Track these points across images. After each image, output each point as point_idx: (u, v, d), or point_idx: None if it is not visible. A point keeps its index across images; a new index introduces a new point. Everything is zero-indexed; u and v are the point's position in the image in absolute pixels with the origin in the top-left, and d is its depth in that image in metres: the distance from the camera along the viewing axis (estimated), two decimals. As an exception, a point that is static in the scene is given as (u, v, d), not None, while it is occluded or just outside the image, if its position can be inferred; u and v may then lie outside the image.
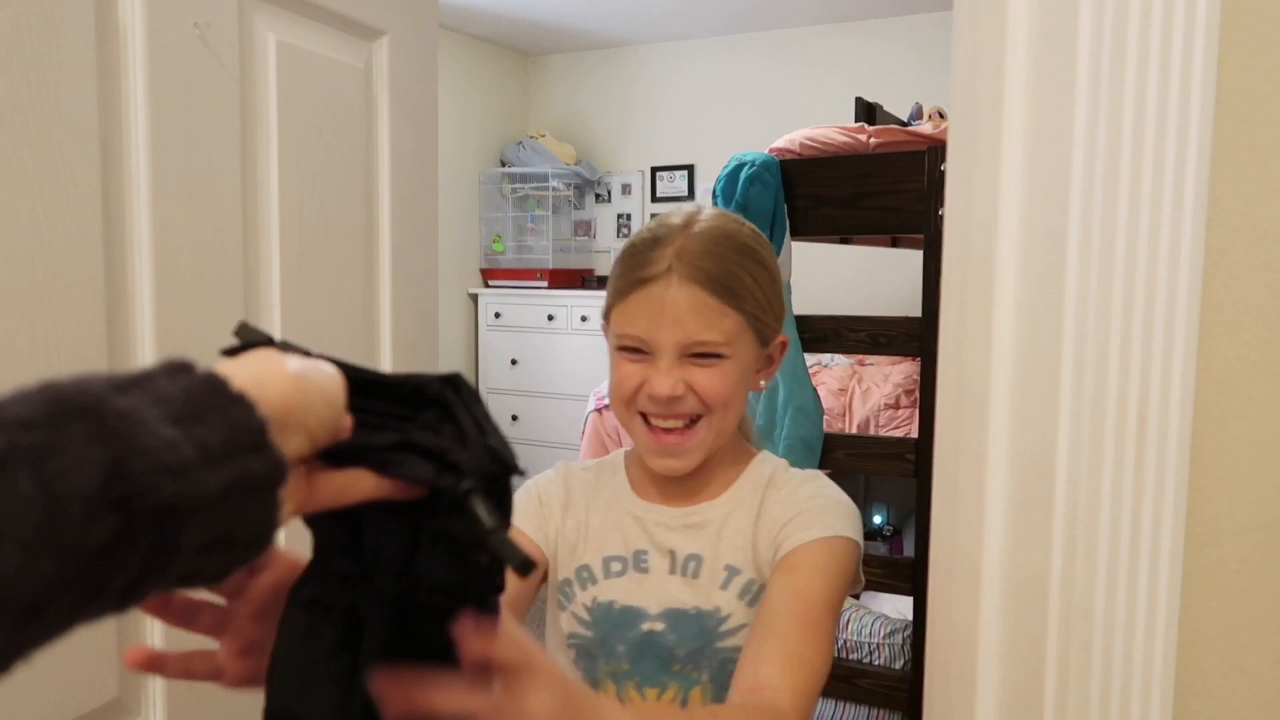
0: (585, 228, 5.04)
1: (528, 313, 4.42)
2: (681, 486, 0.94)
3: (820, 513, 0.90)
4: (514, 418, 4.40)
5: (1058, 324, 0.63)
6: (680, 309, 0.84)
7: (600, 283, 4.77)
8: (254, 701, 0.46)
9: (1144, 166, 0.63)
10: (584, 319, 4.28)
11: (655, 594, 0.91)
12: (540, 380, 4.36)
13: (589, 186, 4.97)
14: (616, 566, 0.93)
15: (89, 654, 0.73)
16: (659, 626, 0.90)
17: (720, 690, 0.89)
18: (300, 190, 0.83)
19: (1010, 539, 0.60)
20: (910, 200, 2.02)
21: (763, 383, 0.94)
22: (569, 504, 0.97)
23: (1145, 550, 0.57)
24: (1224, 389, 0.69)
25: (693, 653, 0.89)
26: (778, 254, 2.48)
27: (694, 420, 0.88)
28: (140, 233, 0.68)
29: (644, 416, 0.89)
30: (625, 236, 4.94)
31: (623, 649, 0.90)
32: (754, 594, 0.90)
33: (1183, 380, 0.62)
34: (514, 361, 4.45)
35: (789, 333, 1.60)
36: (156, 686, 0.86)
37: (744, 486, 0.96)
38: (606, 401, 3.47)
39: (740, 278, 0.86)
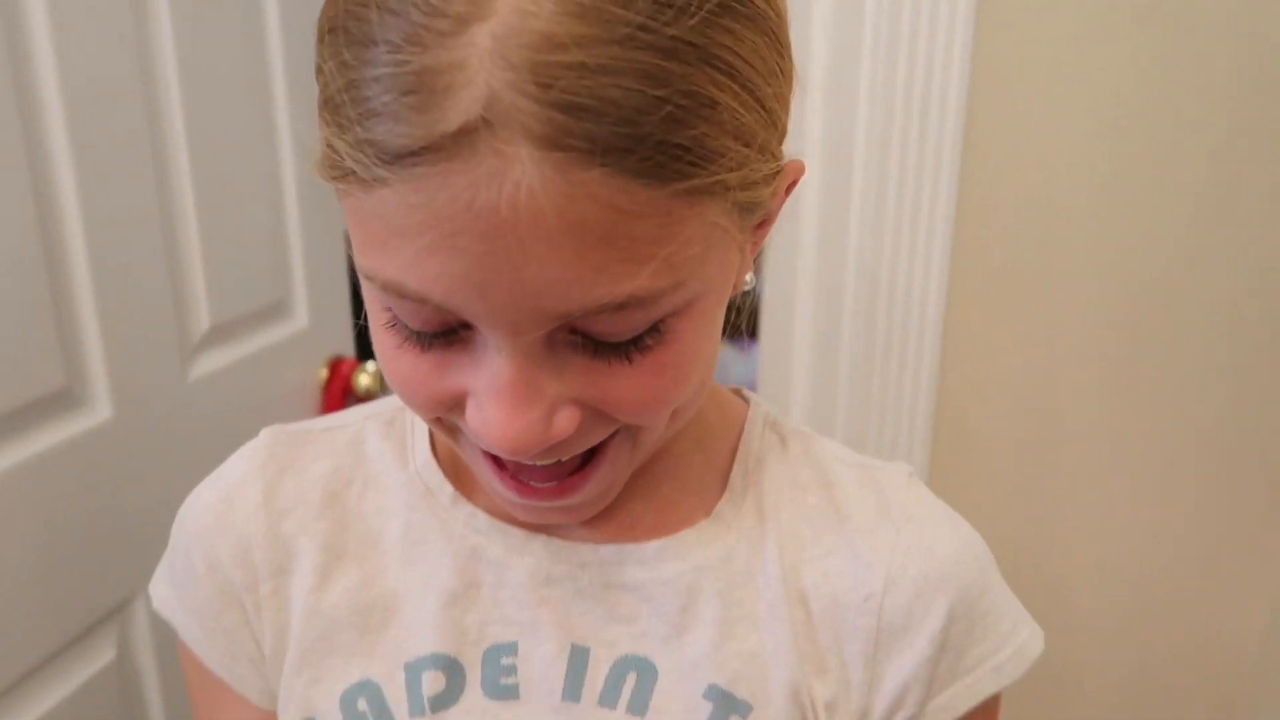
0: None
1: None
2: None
3: (985, 623, 0.44)
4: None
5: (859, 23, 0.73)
6: (539, 233, 0.30)
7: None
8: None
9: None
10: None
11: None
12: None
13: None
14: (435, 682, 0.44)
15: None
16: None
17: None
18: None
19: (819, 222, 0.73)
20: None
21: (749, 276, 0.41)
22: (293, 557, 0.47)
23: (923, 222, 0.71)
24: (996, 82, 0.82)
25: None
26: None
27: (594, 451, 0.39)
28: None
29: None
30: None
31: None
32: None
33: (960, 75, 0.74)
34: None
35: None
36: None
37: (741, 497, 0.46)
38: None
39: (713, 103, 0.31)
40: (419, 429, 0.49)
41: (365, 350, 1.21)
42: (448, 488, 0.47)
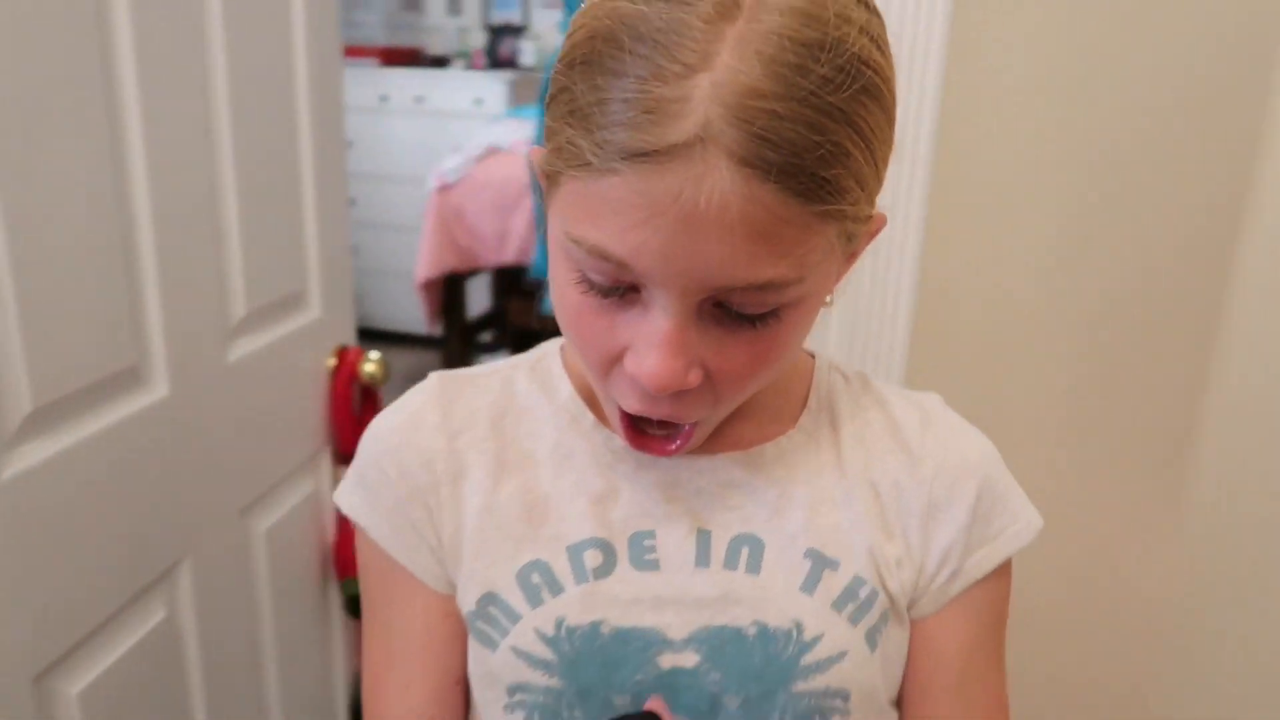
0: (414, 2, 4.88)
1: (360, 93, 4.34)
2: None
3: (1003, 502, 0.58)
4: (352, 201, 4.41)
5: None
6: (722, 223, 0.41)
7: (435, 62, 4.68)
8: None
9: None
10: (419, 99, 4.25)
11: (678, 604, 0.54)
12: (376, 162, 4.36)
13: (415, -42, 4.77)
14: (595, 558, 0.55)
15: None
16: (689, 660, 0.54)
17: None
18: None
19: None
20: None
21: (829, 299, 0.51)
22: (466, 469, 0.58)
23: (896, 237, 0.85)
24: (965, 100, 0.96)
25: (753, 702, 0.54)
26: None
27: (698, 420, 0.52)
28: None
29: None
30: (457, 14, 4.83)
31: (623, 701, 0.54)
32: (862, 606, 0.55)
33: (934, 90, 0.87)
34: (348, 144, 4.39)
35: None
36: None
37: (819, 417, 0.60)
38: (448, 180, 3.57)
39: (849, 154, 0.42)
40: (558, 372, 0.61)
41: (363, 342, 1.30)
42: (589, 416, 0.59)
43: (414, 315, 3.56)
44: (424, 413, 0.60)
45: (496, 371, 0.63)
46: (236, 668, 1.07)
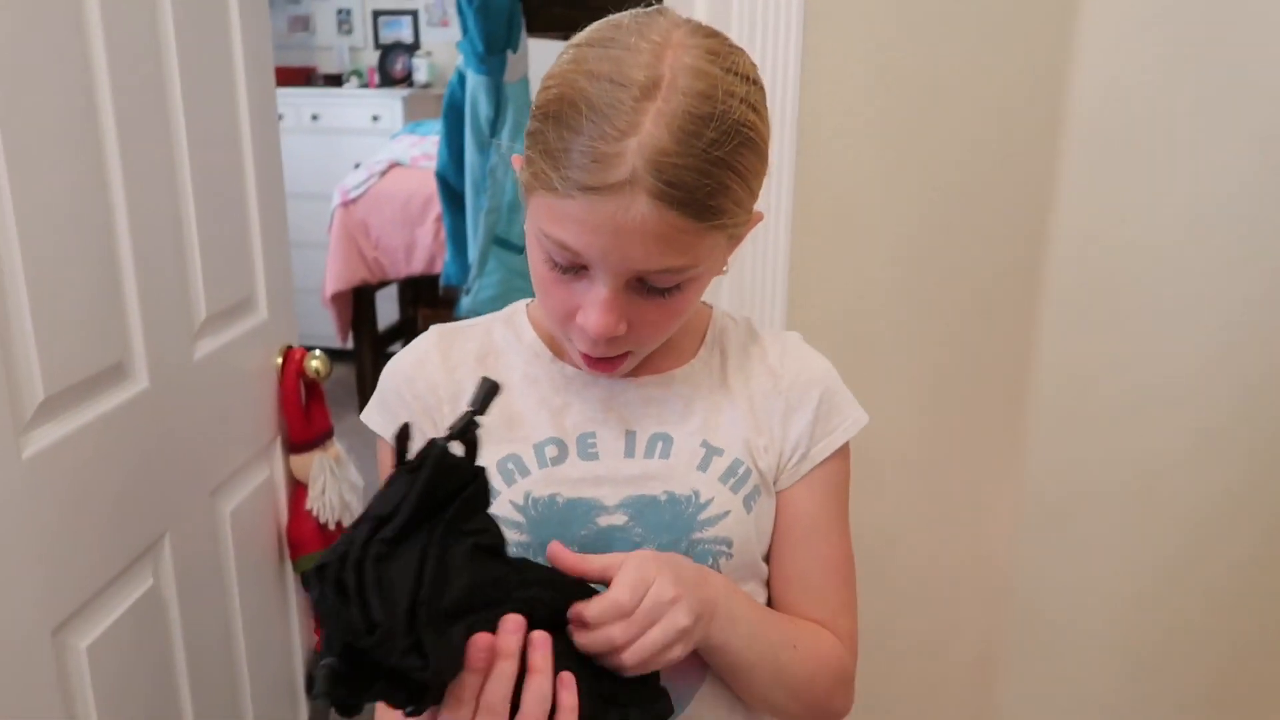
0: (303, 23, 4.93)
1: (254, 113, 4.37)
2: None
3: (839, 405, 0.80)
4: (251, 220, 4.43)
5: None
6: (642, 234, 0.62)
7: (328, 81, 4.74)
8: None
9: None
10: (315, 117, 4.32)
11: (611, 481, 0.75)
12: (275, 181, 4.39)
13: (303, -21, 4.82)
14: (552, 452, 0.76)
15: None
16: (620, 519, 0.74)
17: None
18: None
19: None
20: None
21: (725, 268, 0.73)
22: (460, 392, 0.78)
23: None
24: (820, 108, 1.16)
25: (665, 548, 0.73)
26: (516, 49, 2.73)
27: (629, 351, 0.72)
28: None
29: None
30: (347, 33, 4.91)
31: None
32: (740, 480, 0.76)
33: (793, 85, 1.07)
34: (245, 163, 4.42)
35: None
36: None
37: (712, 350, 0.82)
38: (352, 195, 3.66)
39: (729, 188, 0.63)
40: (524, 324, 0.81)
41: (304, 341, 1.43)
42: (548, 353, 0.79)
43: (322, 329, 3.62)
44: (429, 354, 0.80)
45: (479, 324, 0.84)
46: (210, 633, 1.20)
